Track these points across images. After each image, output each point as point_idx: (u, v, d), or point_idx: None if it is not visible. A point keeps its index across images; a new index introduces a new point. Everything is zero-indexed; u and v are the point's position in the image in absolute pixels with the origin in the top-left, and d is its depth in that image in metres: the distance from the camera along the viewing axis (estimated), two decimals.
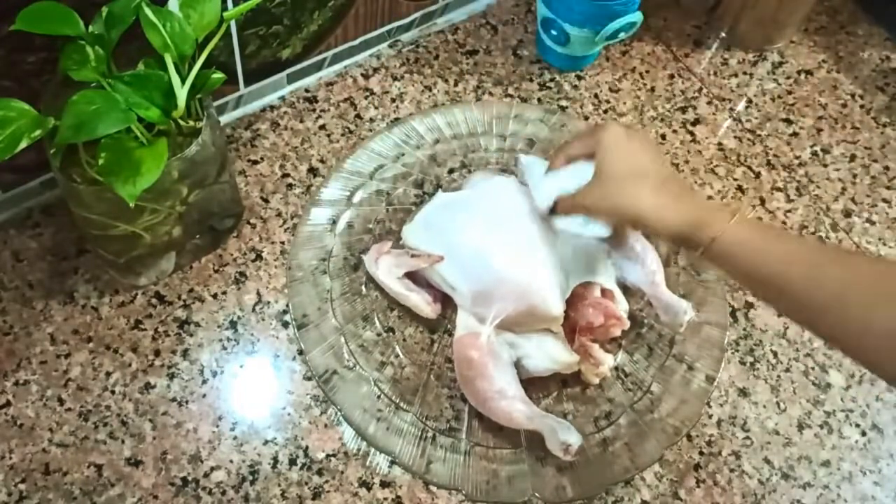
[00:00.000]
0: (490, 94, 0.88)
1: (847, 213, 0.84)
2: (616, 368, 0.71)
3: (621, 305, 0.70)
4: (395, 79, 0.88)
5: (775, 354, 0.75)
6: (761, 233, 0.56)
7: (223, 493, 0.64)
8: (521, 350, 0.67)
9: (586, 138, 0.65)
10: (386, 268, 0.71)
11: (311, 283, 0.73)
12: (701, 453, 0.69)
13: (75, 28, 0.59)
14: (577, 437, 0.63)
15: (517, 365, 0.67)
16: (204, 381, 0.68)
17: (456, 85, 0.88)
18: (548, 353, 0.67)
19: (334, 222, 0.76)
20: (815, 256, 0.54)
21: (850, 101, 0.92)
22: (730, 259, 0.56)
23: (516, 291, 0.66)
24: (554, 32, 0.86)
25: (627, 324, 0.70)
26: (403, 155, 0.81)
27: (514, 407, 0.65)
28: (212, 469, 0.65)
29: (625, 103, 0.89)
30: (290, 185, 0.79)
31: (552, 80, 0.90)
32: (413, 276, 0.72)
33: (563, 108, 0.88)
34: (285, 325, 0.72)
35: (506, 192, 0.73)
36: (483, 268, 0.68)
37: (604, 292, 0.70)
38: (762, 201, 0.84)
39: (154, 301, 0.72)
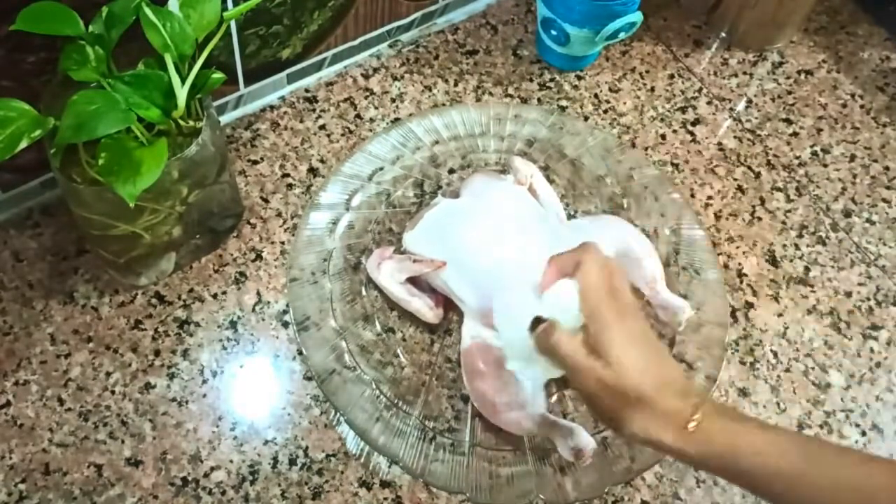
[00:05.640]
0: (490, 94, 0.88)
1: (847, 213, 0.84)
2: None
3: None
4: (395, 79, 0.88)
5: (775, 354, 0.75)
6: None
7: (223, 493, 0.64)
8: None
9: (570, 259, 0.58)
10: (388, 273, 0.71)
11: (312, 287, 0.73)
12: None
13: (75, 28, 0.58)
14: (590, 442, 0.62)
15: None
16: (204, 381, 0.68)
17: (456, 85, 0.88)
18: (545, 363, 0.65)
19: (334, 223, 0.76)
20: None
21: (850, 101, 0.92)
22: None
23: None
24: (554, 32, 0.86)
25: None
26: (402, 157, 0.81)
27: (525, 416, 0.64)
28: (212, 469, 0.65)
29: (625, 103, 0.89)
30: (290, 185, 0.79)
31: (552, 80, 0.90)
32: (415, 281, 0.71)
33: (562, 109, 0.88)
34: (285, 325, 0.72)
35: (507, 197, 0.73)
36: (490, 277, 0.67)
37: None
38: (762, 201, 0.84)
39: (154, 301, 0.72)
